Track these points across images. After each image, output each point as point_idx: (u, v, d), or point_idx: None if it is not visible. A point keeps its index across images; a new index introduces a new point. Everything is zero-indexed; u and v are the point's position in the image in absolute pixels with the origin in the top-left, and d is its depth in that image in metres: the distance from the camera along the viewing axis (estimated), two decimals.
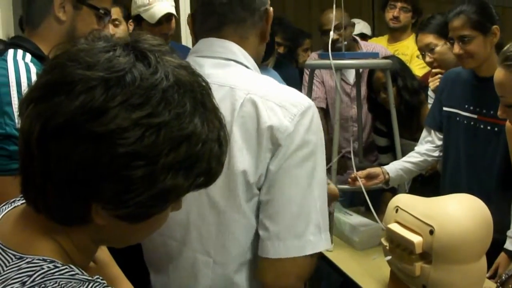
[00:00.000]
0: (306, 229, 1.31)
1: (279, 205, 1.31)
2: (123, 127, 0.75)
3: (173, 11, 3.22)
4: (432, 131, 2.64)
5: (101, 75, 0.76)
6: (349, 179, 2.61)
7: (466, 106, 2.40)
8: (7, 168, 1.55)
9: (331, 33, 2.48)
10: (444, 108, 2.53)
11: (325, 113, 3.65)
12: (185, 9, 3.78)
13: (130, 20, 3.32)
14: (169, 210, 0.90)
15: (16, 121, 1.53)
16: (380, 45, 3.82)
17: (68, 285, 0.78)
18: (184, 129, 0.80)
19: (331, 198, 1.86)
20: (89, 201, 0.80)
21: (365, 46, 3.67)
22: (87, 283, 0.80)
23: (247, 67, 1.45)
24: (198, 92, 0.84)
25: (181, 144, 0.79)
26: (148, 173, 0.77)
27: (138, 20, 3.20)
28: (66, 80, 0.76)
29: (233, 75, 1.40)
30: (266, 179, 1.32)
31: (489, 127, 2.34)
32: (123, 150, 0.75)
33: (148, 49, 0.82)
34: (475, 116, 2.37)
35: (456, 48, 2.34)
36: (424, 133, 2.70)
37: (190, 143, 0.80)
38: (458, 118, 2.44)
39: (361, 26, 4.52)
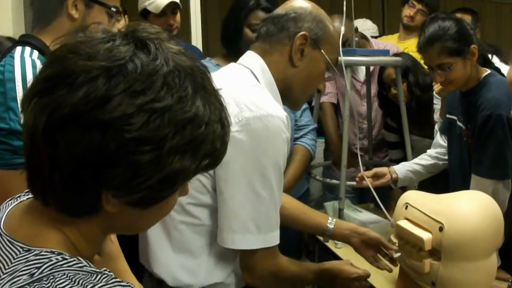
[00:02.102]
0: (240, 227, 1.43)
1: (218, 201, 1.45)
2: (128, 113, 0.76)
3: (177, 0, 3.27)
4: (443, 136, 2.63)
5: (103, 64, 0.77)
6: (357, 178, 2.62)
7: (460, 116, 2.39)
8: (11, 162, 1.57)
9: (342, 28, 2.46)
10: (447, 115, 2.52)
11: (336, 108, 3.64)
12: (195, 10, 3.79)
13: (126, 15, 3.39)
14: (177, 194, 0.92)
15: (21, 116, 1.55)
16: (391, 43, 3.82)
17: (76, 277, 0.78)
18: (187, 112, 0.81)
19: None
20: (98, 190, 0.80)
21: (376, 44, 3.66)
22: (95, 275, 0.80)
23: (255, 77, 1.53)
24: (198, 76, 0.86)
25: (185, 127, 0.81)
26: (155, 157, 0.79)
27: (145, 15, 3.25)
28: (67, 72, 0.77)
29: (229, 77, 1.51)
30: (215, 177, 1.43)
31: (469, 141, 2.32)
32: (129, 136, 0.76)
33: (147, 37, 0.83)
34: (464, 127, 2.36)
35: (437, 77, 2.25)
36: (437, 136, 2.69)
37: (194, 125, 0.82)
38: (456, 126, 2.43)
39: (368, 25, 4.47)
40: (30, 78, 1.56)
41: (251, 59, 1.59)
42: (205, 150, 0.85)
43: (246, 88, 1.49)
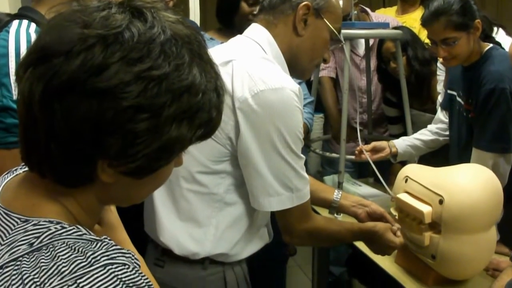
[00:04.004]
0: (275, 190, 1.49)
1: (247, 171, 1.50)
2: (126, 81, 0.76)
3: None
4: (444, 111, 2.61)
5: (99, 32, 0.76)
6: (356, 152, 2.61)
7: (460, 92, 2.37)
8: (4, 141, 1.54)
9: (341, 2, 2.44)
10: (448, 90, 2.51)
11: (335, 83, 3.62)
12: None
13: None
14: (172, 164, 0.91)
15: (14, 92, 1.53)
16: (391, 16, 3.77)
17: (76, 245, 0.78)
18: (184, 80, 0.81)
19: None
20: (95, 159, 0.80)
21: (376, 17, 3.63)
22: (95, 243, 0.80)
23: (263, 49, 1.57)
24: (195, 44, 0.85)
25: (182, 95, 0.81)
26: (152, 125, 0.79)
27: None
28: (64, 40, 0.76)
29: (239, 50, 1.56)
30: (238, 143, 1.46)
31: (470, 115, 2.31)
32: (127, 104, 0.76)
33: (143, 5, 0.83)
34: (462, 102, 2.34)
35: (441, 52, 2.23)
36: (438, 112, 2.68)
37: (191, 93, 0.82)
38: (456, 101, 2.42)
39: None
40: (23, 52, 1.53)
41: (257, 31, 1.61)
42: (202, 119, 0.85)
43: (257, 61, 1.52)
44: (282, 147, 1.45)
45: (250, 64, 1.48)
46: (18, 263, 0.76)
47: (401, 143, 2.64)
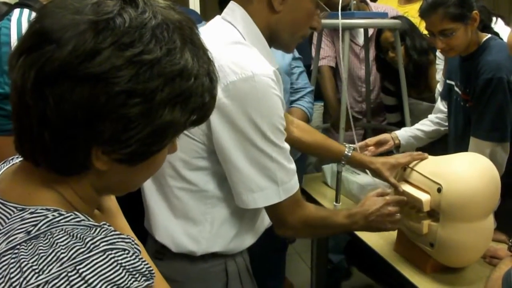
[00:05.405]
0: (257, 186, 1.43)
1: (226, 168, 1.44)
2: (117, 65, 0.76)
3: None
4: (444, 101, 2.63)
5: (90, 18, 0.76)
6: (358, 147, 2.61)
7: (458, 81, 2.39)
8: (6, 128, 1.55)
9: None
10: (446, 80, 2.52)
11: (334, 72, 3.63)
12: None
13: None
14: (166, 151, 0.91)
15: None
16: (390, 6, 3.77)
17: (75, 231, 0.78)
18: (176, 64, 0.81)
19: None
20: (88, 145, 0.80)
21: (375, 7, 3.62)
22: (94, 228, 0.80)
23: (238, 31, 1.48)
24: (187, 30, 0.86)
25: (175, 79, 0.81)
26: (145, 110, 0.79)
27: None
28: (56, 27, 0.76)
29: (210, 37, 1.45)
30: (213, 141, 1.42)
31: (468, 105, 2.32)
32: (119, 89, 0.76)
33: None
34: (460, 92, 2.36)
35: (439, 43, 2.24)
36: (438, 102, 2.69)
37: (183, 77, 0.82)
38: (454, 91, 2.43)
39: None
40: None
41: (232, 12, 1.52)
42: (195, 104, 0.85)
43: (228, 48, 1.43)
44: (258, 139, 1.39)
45: (220, 53, 1.35)
46: (16, 251, 0.76)
47: (404, 135, 2.64)
